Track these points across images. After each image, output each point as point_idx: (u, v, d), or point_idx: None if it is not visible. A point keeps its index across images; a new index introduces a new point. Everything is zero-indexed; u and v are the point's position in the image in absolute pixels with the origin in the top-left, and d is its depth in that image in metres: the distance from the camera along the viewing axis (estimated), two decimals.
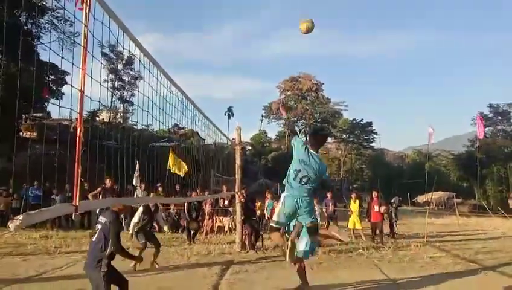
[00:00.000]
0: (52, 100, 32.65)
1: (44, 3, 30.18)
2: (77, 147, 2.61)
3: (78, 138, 2.63)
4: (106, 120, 43.68)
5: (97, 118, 41.48)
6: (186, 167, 16.62)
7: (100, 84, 3.18)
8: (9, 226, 2.18)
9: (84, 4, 2.58)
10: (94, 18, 2.79)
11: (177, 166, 16.87)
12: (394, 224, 16.54)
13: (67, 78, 31.46)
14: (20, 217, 2.13)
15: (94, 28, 2.92)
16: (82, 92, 2.66)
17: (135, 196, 16.34)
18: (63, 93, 34.28)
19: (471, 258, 10.76)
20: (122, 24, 3.50)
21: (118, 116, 47.93)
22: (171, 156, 17.05)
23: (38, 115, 36.41)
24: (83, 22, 2.60)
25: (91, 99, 2.90)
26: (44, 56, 31.26)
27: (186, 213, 13.65)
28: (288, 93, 66.03)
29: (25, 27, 29.55)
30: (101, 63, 3.11)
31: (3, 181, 18.05)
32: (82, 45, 2.63)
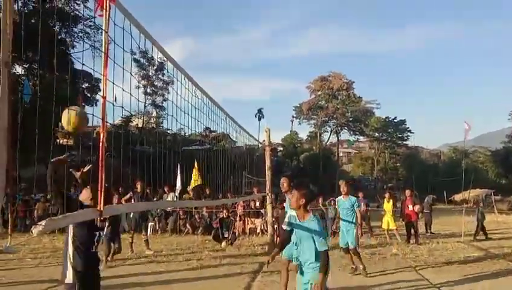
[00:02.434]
0: (87, 107, 33.44)
1: (77, 12, 31.01)
2: (100, 152, 2.65)
3: (101, 143, 2.66)
4: (140, 125, 44.33)
5: (130, 124, 42.16)
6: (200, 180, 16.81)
7: (123, 89, 3.21)
8: (33, 231, 2.22)
9: (104, 10, 2.61)
10: (115, 24, 2.82)
11: (196, 180, 16.96)
12: (479, 224, 15.58)
13: (101, 85, 32.21)
14: (44, 222, 2.17)
15: (119, 35, 2.96)
16: (104, 98, 2.69)
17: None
18: (97, 100, 35.20)
19: (510, 257, 10.42)
20: (147, 32, 3.54)
21: (152, 121, 48.57)
22: (195, 171, 17.04)
23: None
24: (103, 28, 2.64)
25: (114, 105, 2.93)
26: (78, 64, 32.22)
27: (219, 229, 13.20)
28: (319, 93, 65.42)
29: (59, 36, 30.35)
30: (123, 69, 3.14)
31: (42, 187, 18.53)
32: (103, 51, 2.67)
